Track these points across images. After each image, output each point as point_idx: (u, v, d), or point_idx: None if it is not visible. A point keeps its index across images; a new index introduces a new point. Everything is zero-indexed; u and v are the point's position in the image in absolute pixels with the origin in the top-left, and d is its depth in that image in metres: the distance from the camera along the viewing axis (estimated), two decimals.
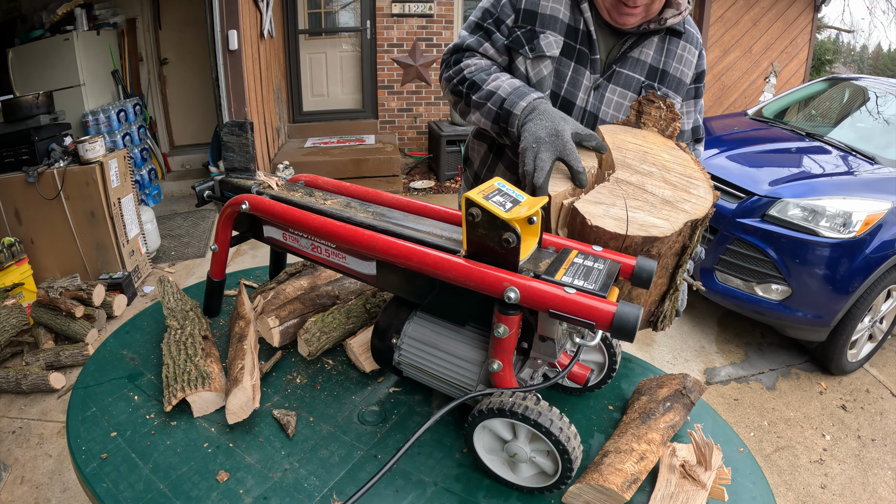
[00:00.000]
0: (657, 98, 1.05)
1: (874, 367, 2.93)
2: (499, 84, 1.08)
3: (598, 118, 1.17)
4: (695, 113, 1.28)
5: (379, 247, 0.80)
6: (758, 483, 0.84)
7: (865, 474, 2.22)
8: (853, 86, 3.92)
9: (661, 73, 1.18)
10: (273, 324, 1.02)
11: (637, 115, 1.07)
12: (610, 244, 0.82)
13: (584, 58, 1.14)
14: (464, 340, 0.83)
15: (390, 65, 5.78)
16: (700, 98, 1.26)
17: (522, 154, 0.96)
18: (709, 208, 0.87)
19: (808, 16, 6.74)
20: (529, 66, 1.14)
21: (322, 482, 0.79)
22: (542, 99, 1.02)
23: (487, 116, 1.09)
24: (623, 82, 1.15)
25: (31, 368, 2.40)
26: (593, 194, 0.87)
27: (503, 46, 1.16)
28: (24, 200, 2.98)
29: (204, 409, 0.90)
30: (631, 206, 0.85)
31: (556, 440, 0.70)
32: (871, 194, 2.61)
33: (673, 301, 1.09)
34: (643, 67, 1.16)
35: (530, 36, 1.12)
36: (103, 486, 0.77)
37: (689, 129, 1.27)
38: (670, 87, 1.19)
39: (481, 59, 1.16)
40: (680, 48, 1.18)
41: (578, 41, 1.13)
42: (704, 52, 1.22)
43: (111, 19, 4.55)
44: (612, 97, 1.16)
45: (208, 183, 1.10)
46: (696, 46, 1.20)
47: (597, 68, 1.14)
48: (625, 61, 1.15)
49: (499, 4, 1.15)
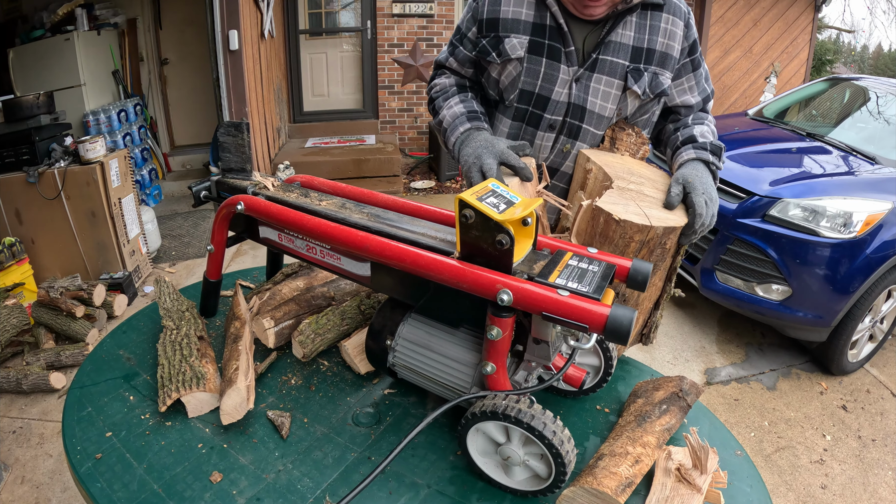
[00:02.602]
0: (627, 126, 1.18)
1: (875, 368, 2.92)
2: (444, 113, 1.21)
3: (585, 109, 1.14)
4: (697, 85, 1.22)
5: (372, 248, 0.80)
6: (755, 487, 0.84)
7: (866, 474, 2.21)
8: (854, 86, 3.91)
9: (645, 53, 1.13)
10: (268, 325, 1.02)
11: (611, 142, 1.18)
12: (636, 237, 0.92)
13: (557, 52, 1.12)
14: (458, 342, 0.82)
15: (391, 65, 5.78)
16: (699, 68, 1.21)
17: (468, 172, 1.06)
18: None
19: (808, 16, 6.72)
20: (497, 71, 1.18)
21: (315, 484, 0.79)
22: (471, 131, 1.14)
23: (444, 142, 1.23)
24: (608, 70, 1.12)
25: (32, 368, 2.41)
26: (607, 197, 0.97)
27: (465, 59, 1.24)
28: (24, 200, 2.99)
29: (199, 410, 0.91)
30: (642, 205, 0.96)
31: (549, 444, 0.69)
32: (872, 194, 2.60)
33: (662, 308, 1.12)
34: (626, 51, 1.12)
35: (495, 42, 1.15)
36: (97, 486, 0.77)
37: (695, 101, 1.23)
38: (658, 64, 1.14)
39: (447, 77, 1.28)
40: (663, 21, 1.13)
41: (547, 37, 1.12)
42: (693, 21, 1.18)
43: (112, 19, 4.56)
44: (599, 87, 1.13)
45: (205, 183, 1.10)
46: (680, 17, 1.15)
47: (574, 60, 1.12)
48: (606, 48, 1.12)
49: (464, 20, 1.22)
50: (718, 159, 1.10)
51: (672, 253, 1.03)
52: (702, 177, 1.02)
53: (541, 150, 1.19)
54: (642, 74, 1.13)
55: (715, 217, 1.00)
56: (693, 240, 1.00)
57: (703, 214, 0.97)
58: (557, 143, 1.18)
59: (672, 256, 1.04)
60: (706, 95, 1.25)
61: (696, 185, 0.99)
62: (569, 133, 1.17)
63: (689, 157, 1.09)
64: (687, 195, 0.99)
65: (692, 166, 1.06)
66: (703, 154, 1.09)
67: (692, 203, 0.97)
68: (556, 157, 1.19)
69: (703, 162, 1.08)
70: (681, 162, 1.10)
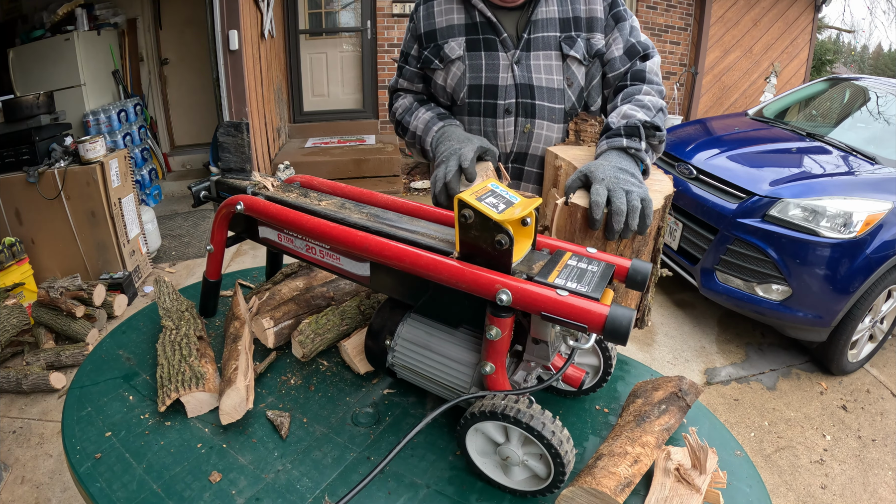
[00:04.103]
0: (589, 117, 1.22)
1: (875, 368, 2.92)
2: (415, 123, 1.28)
3: (533, 87, 1.20)
4: (621, 38, 1.21)
5: (372, 248, 0.80)
6: (754, 487, 0.84)
7: (866, 475, 2.21)
8: (854, 86, 3.91)
9: (573, 21, 1.20)
10: (268, 325, 1.02)
11: (576, 135, 1.22)
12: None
13: (493, 42, 1.21)
14: (457, 342, 0.82)
15: (391, 65, 5.78)
16: (623, 21, 1.21)
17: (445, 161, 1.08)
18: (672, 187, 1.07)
19: (808, 16, 6.72)
20: (443, 76, 1.26)
21: (315, 484, 0.79)
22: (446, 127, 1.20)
23: (420, 154, 1.30)
24: (542, 45, 1.19)
25: (32, 368, 2.41)
26: (580, 193, 0.98)
27: (413, 76, 1.33)
28: (24, 200, 2.99)
29: (198, 410, 0.90)
30: None
31: (548, 444, 0.69)
32: (872, 194, 2.60)
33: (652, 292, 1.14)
34: (554, 24, 1.19)
35: (436, 51, 1.25)
36: (97, 486, 0.77)
37: (619, 54, 1.21)
38: (587, 29, 1.20)
39: (405, 96, 1.36)
40: None
41: (481, 32, 1.22)
42: None
43: (112, 19, 4.56)
44: (539, 63, 1.19)
45: (204, 183, 1.10)
46: None
47: (509, 45, 1.20)
48: (535, 26, 1.19)
49: (405, 42, 1.33)
50: (637, 139, 1.04)
51: (654, 235, 1.04)
52: (604, 165, 0.98)
53: (505, 138, 1.24)
54: (575, 41, 1.19)
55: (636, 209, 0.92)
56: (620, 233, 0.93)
57: (600, 203, 0.91)
58: (518, 125, 1.22)
59: (654, 239, 1.06)
60: (631, 46, 1.20)
61: (596, 174, 0.96)
62: (525, 113, 1.22)
63: (601, 150, 1.07)
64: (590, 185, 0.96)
65: (602, 157, 1.04)
66: (615, 141, 1.05)
67: (592, 192, 0.93)
68: (521, 141, 1.24)
69: (615, 150, 1.05)
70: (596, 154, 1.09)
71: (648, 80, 1.18)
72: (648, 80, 1.18)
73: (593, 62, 1.22)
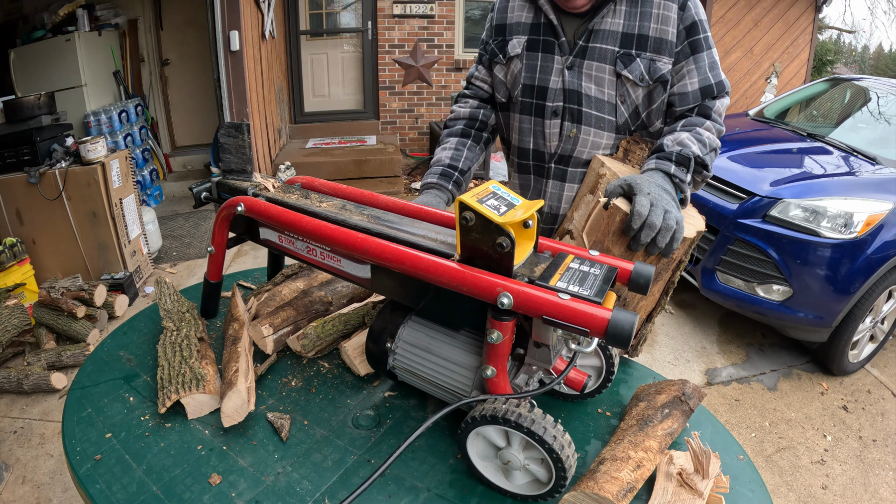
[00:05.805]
0: (642, 141, 1.22)
1: (875, 368, 2.91)
2: (438, 151, 1.36)
3: (580, 94, 1.20)
4: (698, 71, 1.15)
5: (372, 250, 0.80)
6: (757, 491, 0.84)
7: (867, 475, 2.21)
8: (854, 86, 3.90)
9: (637, 39, 1.15)
10: (267, 332, 1.02)
11: (625, 153, 1.23)
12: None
13: (551, 45, 1.21)
14: (458, 345, 0.82)
15: (391, 65, 5.78)
16: (701, 51, 1.15)
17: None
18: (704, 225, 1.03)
19: (809, 16, 6.71)
20: (503, 71, 1.29)
21: (315, 486, 0.78)
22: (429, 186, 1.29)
23: None
24: (597, 56, 1.17)
25: (33, 368, 2.41)
26: (621, 200, 0.97)
27: (487, 62, 1.34)
28: (25, 201, 2.99)
29: (198, 412, 0.90)
30: None
31: (549, 448, 0.69)
32: (873, 195, 2.59)
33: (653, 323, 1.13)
34: (615, 37, 1.16)
35: (502, 45, 1.28)
36: (97, 487, 0.77)
37: (692, 89, 1.16)
38: (653, 50, 1.14)
39: (465, 105, 1.39)
40: (654, 7, 1.13)
41: (542, 34, 1.22)
42: (694, 3, 1.15)
43: (113, 20, 4.56)
44: (590, 72, 1.18)
45: (205, 184, 1.10)
46: (674, 0, 1.13)
47: (565, 50, 1.20)
48: (594, 35, 1.17)
49: (485, 31, 1.35)
50: (685, 170, 1.05)
51: (673, 267, 1.03)
52: (650, 181, 0.98)
53: (550, 139, 1.24)
54: (633, 59, 1.15)
55: (670, 229, 0.92)
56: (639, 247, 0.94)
57: (642, 214, 0.91)
58: (563, 129, 1.23)
59: (672, 270, 1.04)
60: (708, 84, 1.15)
61: (641, 187, 0.95)
62: (571, 118, 1.22)
63: (649, 167, 1.07)
64: (632, 196, 0.96)
65: (648, 174, 1.04)
66: (664, 164, 1.05)
67: (634, 202, 0.94)
68: (566, 144, 1.24)
69: (661, 172, 1.05)
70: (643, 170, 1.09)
71: (713, 118, 1.17)
72: (713, 118, 1.17)
73: (655, 86, 1.16)
